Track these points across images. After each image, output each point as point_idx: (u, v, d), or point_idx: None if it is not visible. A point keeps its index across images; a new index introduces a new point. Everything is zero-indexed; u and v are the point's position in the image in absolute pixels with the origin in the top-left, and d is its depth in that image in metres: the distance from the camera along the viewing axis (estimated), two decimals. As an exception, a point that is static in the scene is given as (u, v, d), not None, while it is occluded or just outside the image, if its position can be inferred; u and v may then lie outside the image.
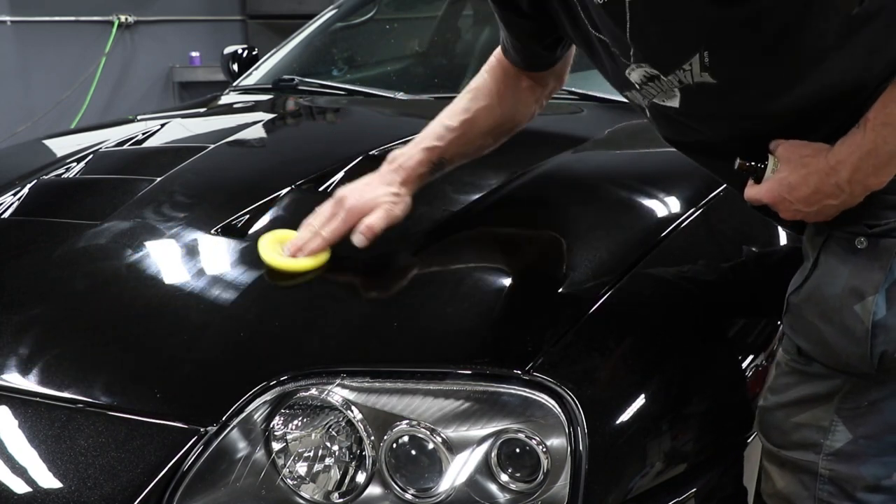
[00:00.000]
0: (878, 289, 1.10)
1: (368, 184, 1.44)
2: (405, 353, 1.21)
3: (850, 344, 1.13)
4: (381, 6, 3.03)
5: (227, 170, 1.85)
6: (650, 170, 1.75)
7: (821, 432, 1.18)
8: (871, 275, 1.11)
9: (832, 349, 1.15)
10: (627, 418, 1.16)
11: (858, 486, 1.18)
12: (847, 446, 1.17)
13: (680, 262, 1.43)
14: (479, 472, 1.11)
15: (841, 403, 1.17)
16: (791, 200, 1.14)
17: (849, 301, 1.12)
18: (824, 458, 1.18)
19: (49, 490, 1.13)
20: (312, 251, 1.37)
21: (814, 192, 1.12)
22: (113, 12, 5.81)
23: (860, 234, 1.12)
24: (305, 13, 4.05)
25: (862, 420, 1.16)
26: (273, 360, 1.21)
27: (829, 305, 1.14)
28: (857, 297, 1.11)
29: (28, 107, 5.48)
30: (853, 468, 1.17)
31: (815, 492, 1.19)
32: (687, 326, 1.33)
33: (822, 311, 1.15)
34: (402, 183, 1.44)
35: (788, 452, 1.21)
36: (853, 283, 1.12)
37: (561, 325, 1.21)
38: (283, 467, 1.13)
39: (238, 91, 2.67)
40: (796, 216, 1.16)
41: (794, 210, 1.15)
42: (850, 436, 1.16)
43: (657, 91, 1.20)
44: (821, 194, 1.11)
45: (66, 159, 1.94)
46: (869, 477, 1.17)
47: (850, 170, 1.08)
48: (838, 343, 1.14)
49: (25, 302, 1.41)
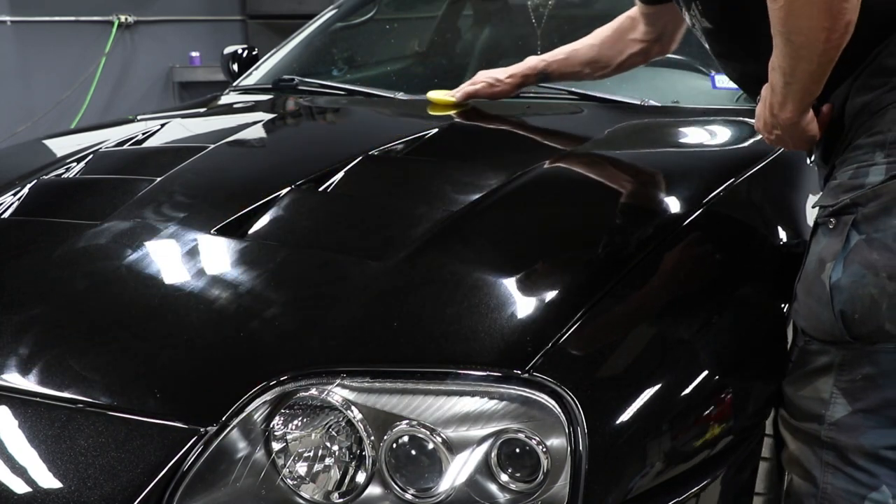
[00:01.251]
0: (837, 256, 1.26)
1: (493, 70, 2.07)
2: (405, 353, 1.21)
3: (822, 310, 1.28)
4: (381, 6, 3.02)
5: (227, 170, 1.85)
6: (650, 170, 1.76)
7: (822, 404, 1.31)
8: (834, 245, 1.27)
9: (815, 319, 1.30)
10: (627, 418, 1.16)
11: (858, 454, 1.30)
12: (846, 418, 1.29)
13: (679, 261, 1.43)
14: (479, 472, 1.11)
15: (838, 376, 1.30)
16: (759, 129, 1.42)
17: (817, 271, 1.29)
18: (826, 427, 1.31)
19: (49, 490, 1.13)
20: (459, 96, 2.09)
21: (765, 124, 1.39)
22: (113, 12, 5.81)
23: (829, 217, 1.29)
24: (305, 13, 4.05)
25: (861, 394, 1.28)
26: (273, 360, 1.21)
27: (809, 280, 1.31)
28: (822, 267, 1.28)
29: (28, 107, 5.48)
30: (853, 438, 1.29)
31: (821, 456, 1.32)
32: (687, 326, 1.33)
33: (805, 287, 1.33)
34: (509, 75, 2.04)
35: (797, 422, 1.34)
36: (821, 256, 1.29)
37: (561, 325, 1.21)
38: (283, 467, 1.13)
39: (238, 91, 2.67)
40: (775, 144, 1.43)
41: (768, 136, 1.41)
42: (848, 409, 1.29)
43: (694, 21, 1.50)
44: (768, 125, 1.38)
45: (66, 159, 1.94)
46: (868, 446, 1.28)
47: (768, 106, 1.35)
48: (816, 312, 1.30)
49: (25, 302, 1.41)
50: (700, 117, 1.96)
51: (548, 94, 2.15)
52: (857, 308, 1.25)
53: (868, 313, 1.24)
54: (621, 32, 1.91)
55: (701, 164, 1.78)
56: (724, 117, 2.00)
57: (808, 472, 1.33)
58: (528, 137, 1.98)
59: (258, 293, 1.36)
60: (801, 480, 1.35)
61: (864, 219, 1.25)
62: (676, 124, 1.99)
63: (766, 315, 1.45)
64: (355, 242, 1.49)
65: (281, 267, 1.42)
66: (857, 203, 1.26)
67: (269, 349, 1.24)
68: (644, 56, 1.93)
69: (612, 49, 1.93)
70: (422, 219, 1.50)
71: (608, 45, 1.93)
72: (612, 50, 1.93)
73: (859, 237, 1.25)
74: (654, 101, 2.07)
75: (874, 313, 1.24)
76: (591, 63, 1.95)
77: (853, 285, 1.25)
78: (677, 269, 1.42)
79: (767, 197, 1.53)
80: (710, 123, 1.92)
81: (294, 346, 1.24)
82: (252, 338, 1.26)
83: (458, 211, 1.52)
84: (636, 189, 1.63)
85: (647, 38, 1.89)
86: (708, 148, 1.90)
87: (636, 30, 1.89)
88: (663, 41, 1.90)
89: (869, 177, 1.27)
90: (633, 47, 1.91)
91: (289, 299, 1.35)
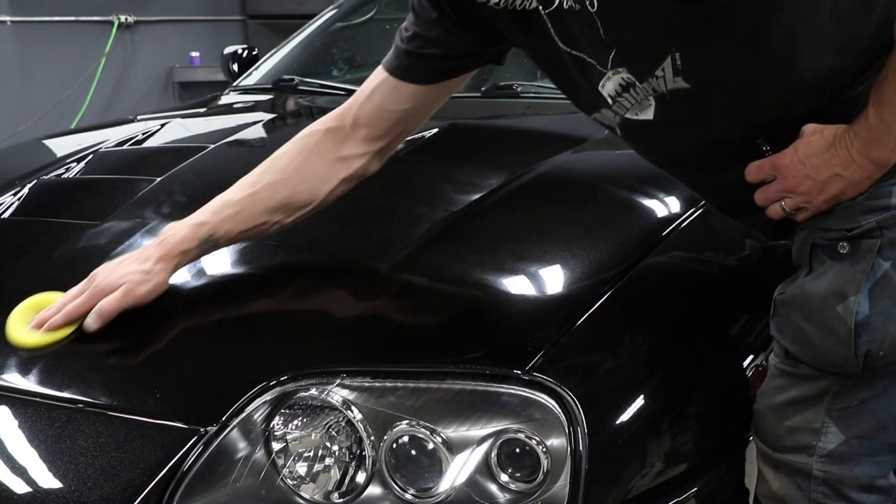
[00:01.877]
0: (861, 288, 1.12)
1: (123, 260, 1.35)
2: (405, 353, 1.21)
3: (835, 344, 1.14)
4: (381, 6, 3.03)
5: (227, 170, 1.84)
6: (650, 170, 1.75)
7: (813, 434, 1.19)
8: (854, 276, 1.12)
9: (818, 350, 1.16)
10: (627, 418, 1.16)
11: (853, 487, 1.19)
12: (840, 447, 1.18)
13: (679, 262, 1.43)
14: (479, 472, 1.11)
15: (831, 404, 1.18)
16: (805, 165, 1.15)
17: (832, 302, 1.14)
18: (818, 459, 1.19)
19: (49, 490, 1.13)
20: (52, 326, 1.28)
21: (827, 160, 1.14)
22: (113, 12, 5.81)
23: (841, 240, 1.14)
24: (305, 13, 4.05)
25: (854, 420, 1.17)
26: (273, 360, 1.21)
27: (814, 307, 1.16)
28: (839, 298, 1.13)
29: (28, 107, 5.48)
30: (847, 469, 1.18)
31: (810, 493, 1.20)
32: (687, 326, 1.33)
33: (806, 313, 1.17)
34: (158, 259, 1.33)
35: (782, 455, 1.22)
36: (836, 285, 1.14)
37: (561, 325, 1.21)
38: (283, 467, 1.13)
39: (238, 91, 2.67)
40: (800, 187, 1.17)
41: (802, 177, 1.16)
42: (842, 437, 1.18)
43: (631, 103, 1.20)
44: (834, 161, 1.13)
45: (66, 159, 1.95)
46: (863, 477, 1.18)
47: (859, 141, 1.12)
48: (823, 344, 1.15)
49: (25, 302, 1.41)
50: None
51: (548, 94, 2.15)
52: (886, 346, 1.12)
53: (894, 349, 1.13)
54: (320, 153, 1.40)
55: (701, 164, 1.78)
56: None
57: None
58: (528, 137, 1.98)
59: (258, 293, 1.36)
60: None
61: (891, 244, 1.12)
62: (676, 124, 1.98)
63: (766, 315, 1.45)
64: (355, 242, 1.49)
65: (281, 267, 1.42)
66: (883, 227, 1.12)
67: (269, 349, 1.24)
68: (361, 175, 1.43)
69: (313, 179, 1.40)
70: (422, 219, 1.50)
71: (305, 177, 1.40)
72: (312, 181, 1.40)
73: (886, 265, 1.11)
74: (654, 101, 2.07)
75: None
76: (283, 208, 1.39)
77: (885, 324, 1.12)
78: (677, 269, 1.42)
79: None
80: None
81: (294, 346, 1.24)
82: (252, 338, 1.26)
83: (458, 211, 1.52)
84: (636, 189, 1.63)
85: (367, 150, 1.40)
86: (708, 148, 1.90)
87: (349, 141, 1.39)
88: (388, 149, 1.44)
89: (893, 197, 1.13)
90: (345, 168, 1.40)
91: (289, 299, 1.35)
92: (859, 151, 1.12)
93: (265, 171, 1.41)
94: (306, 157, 1.40)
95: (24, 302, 1.33)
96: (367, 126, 1.39)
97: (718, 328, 1.37)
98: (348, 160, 1.40)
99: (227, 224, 1.37)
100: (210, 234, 1.36)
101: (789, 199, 1.19)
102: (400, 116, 1.39)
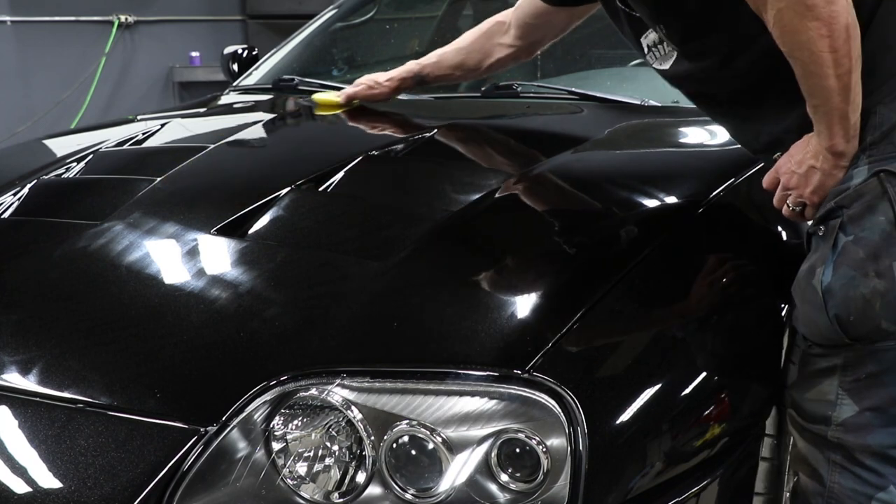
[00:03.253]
0: (827, 261, 1.27)
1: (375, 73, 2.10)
2: (405, 353, 1.21)
3: (816, 315, 1.28)
4: (381, 6, 3.02)
5: (227, 170, 1.85)
6: (650, 170, 1.76)
7: (828, 406, 1.30)
8: (824, 252, 1.28)
9: (813, 325, 1.30)
10: (627, 418, 1.16)
11: (866, 454, 1.29)
12: (853, 418, 1.29)
13: (679, 262, 1.43)
14: (479, 472, 1.11)
15: (842, 377, 1.29)
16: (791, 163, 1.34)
17: (808, 277, 1.30)
18: (833, 428, 1.30)
19: (49, 490, 1.13)
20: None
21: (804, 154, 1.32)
22: (113, 12, 5.80)
23: (819, 225, 1.30)
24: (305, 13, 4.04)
25: (867, 393, 1.27)
26: (273, 360, 1.21)
27: (801, 286, 1.32)
28: (813, 274, 1.29)
29: (28, 107, 5.48)
30: (860, 437, 1.28)
31: (828, 455, 1.32)
32: (687, 326, 1.33)
33: (799, 294, 1.33)
34: (388, 79, 2.08)
35: (805, 423, 1.34)
36: (812, 263, 1.30)
37: (561, 326, 1.21)
38: (283, 467, 1.13)
39: (238, 91, 2.67)
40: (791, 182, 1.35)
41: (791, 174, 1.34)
42: (855, 408, 1.28)
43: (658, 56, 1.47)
44: (808, 154, 1.31)
45: (66, 159, 1.94)
46: (875, 446, 1.28)
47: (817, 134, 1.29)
48: (812, 318, 1.30)
49: (25, 302, 1.41)
50: (700, 117, 1.96)
51: (548, 94, 2.16)
52: (851, 310, 1.25)
53: (862, 314, 1.25)
54: (489, 36, 1.95)
55: (701, 164, 1.78)
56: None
57: (815, 471, 1.33)
58: (528, 137, 1.98)
59: (258, 293, 1.36)
60: (807, 479, 1.35)
61: (850, 220, 1.26)
62: (676, 124, 1.99)
63: (766, 315, 1.45)
64: (355, 242, 1.49)
65: (281, 267, 1.42)
66: (841, 205, 1.27)
67: (269, 349, 1.24)
68: (513, 60, 1.98)
69: (480, 52, 1.97)
70: (422, 219, 1.50)
71: (475, 49, 1.97)
72: (479, 53, 1.98)
73: (846, 239, 1.25)
74: (654, 101, 2.07)
75: (868, 313, 1.24)
76: (459, 66, 2.01)
77: (844, 288, 1.25)
78: (677, 269, 1.42)
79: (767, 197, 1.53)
80: (710, 123, 1.92)
81: (294, 346, 1.24)
82: (252, 338, 1.26)
83: (457, 211, 1.52)
84: (636, 189, 1.63)
85: (515, 44, 1.93)
86: (708, 148, 1.90)
87: (506, 34, 1.93)
88: (531, 49, 1.95)
89: (853, 179, 1.27)
90: (500, 52, 1.95)
91: (289, 299, 1.35)
92: (819, 143, 1.29)
93: (459, 39, 2.03)
94: (479, 35, 1.98)
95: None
96: (516, 27, 1.91)
97: (719, 328, 1.37)
98: (501, 48, 1.95)
99: (430, 68, 2.05)
100: (420, 71, 2.05)
101: (790, 196, 1.36)
102: (537, 26, 1.88)
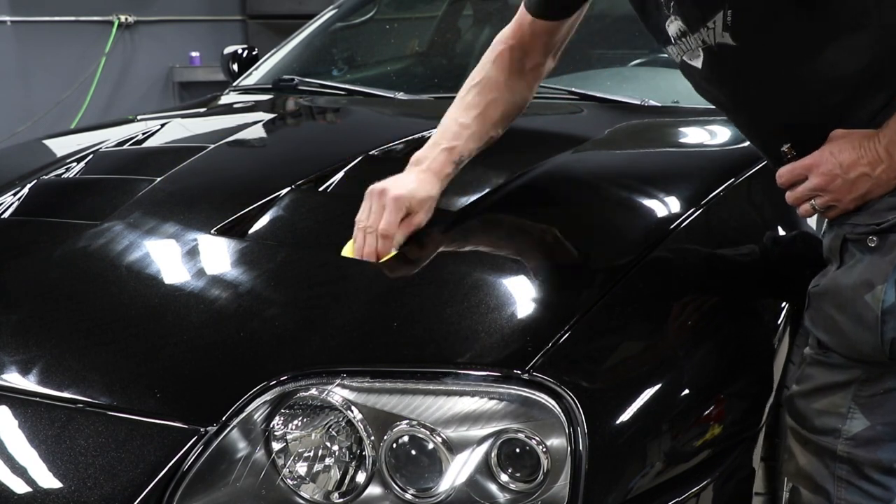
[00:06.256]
0: (888, 278, 1.17)
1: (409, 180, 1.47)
2: (405, 353, 1.21)
3: (863, 332, 1.20)
4: (381, 6, 3.03)
5: (227, 170, 1.85)
6: (650, 170, 1.75)
7: (839, 418, 1.26)
8: (882, 267, 1.18)
9: (847, 338, 1.22)
10: (627, 418, 1.16)
11: (875, 468, 1.26)
12: (865, 432, 1.25)
13: (680, 262, 1.43)
14: (479, 472, 1.11)
15: (858, 391, 1.25)
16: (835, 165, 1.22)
17: (861, 291, 1.20)
18: (843, 441, 1.26)
19: (49, 490, 1.13)
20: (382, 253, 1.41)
21: (856, 159, 1.20)
22: (113, 12, 5.80)
23: (870, 234, 1.20)
24: (305, 13, 4.04)
25: (880, 408, 1.24)
26: (273, 360, 1.21)
27: (844, 297, 1.22)
28: (867, 288, 1.19)
29: (28, 107, 5.48)
30: (870, 452, 1.25)
31: (834, 470, 1.27)
32: (687, 326, 1.33)
33: (837, 303, 1.23)
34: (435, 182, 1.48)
35: (810, 434, 1.29)
36: (865, 276, 1.20)
37: (561, 325, 1.21)
38: (283, 467, 1.13)
39: (238, 91, 2.67)
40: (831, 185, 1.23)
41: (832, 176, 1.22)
42: (867, 422, 1.24)
43: (686, 49, 1.31)
44: (863, 160, 1.20)
45: (66, 159, 1.94)
46: (885, 460, 1.25)
47: (887, 141, 1.18)
48: (852, 332, 1.21)
49: (25, 302, 1.41)
50: (700, 117, 1.96)
51: (548, 93, 2.15)
52: None
53: None
54: (518, 66, 1.59)
55: (701, 164, 1.78)
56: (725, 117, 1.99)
57: (820, 486, 1.29)
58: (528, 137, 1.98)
59: (258, 293, 1.36)
60: (811, 494, 1.31)
61: None
62: (676, 124, 1.99)
63: (766, 315, 1.45)
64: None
65: (281, 267, 1.42)
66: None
67: (269, 349, 1.24)
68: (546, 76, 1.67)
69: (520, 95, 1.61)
70: (422, 219, 1.50)
71: (515, 92, 1.59)
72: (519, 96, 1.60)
73: None
74: (654, 101, 2.07)
75: None
76: (504, 120, 1.59)
77: None
78: (677, 269, 1.42)
79: (767, 197, 1.53)
80: (710, 123, 1.92)
81: (294, 346, 1.24)
82: (252, 338, 1.26)
83: (457, 211, 1.52)
84: (636, 189, 1.63)
85: (543, 60, 1.62)
86: (708, 148, 1.90)
87: (531, 55, 1.59)
88: (556, 56, 1.65)
89: None
90: (536, 75, 1.62)
91: (289, 299, 1.35)
92: (886, 151, 1.18)
93: (480, 92, 1.57)
94: (508, 74, 1.58)
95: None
96: (541, 36, 1.58)
97: (719, 328, 1.37)
98: (536, 69, 1.61)
99: (469, 144, 1.54)
100: (460, 156, 1.53)
101: (820, 198, 1.25)
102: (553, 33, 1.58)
